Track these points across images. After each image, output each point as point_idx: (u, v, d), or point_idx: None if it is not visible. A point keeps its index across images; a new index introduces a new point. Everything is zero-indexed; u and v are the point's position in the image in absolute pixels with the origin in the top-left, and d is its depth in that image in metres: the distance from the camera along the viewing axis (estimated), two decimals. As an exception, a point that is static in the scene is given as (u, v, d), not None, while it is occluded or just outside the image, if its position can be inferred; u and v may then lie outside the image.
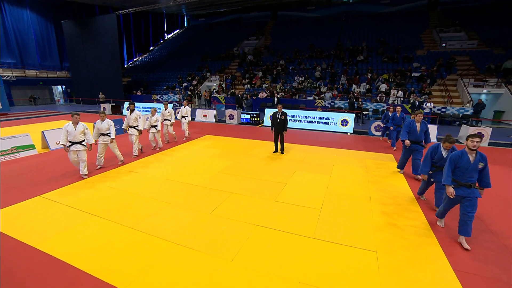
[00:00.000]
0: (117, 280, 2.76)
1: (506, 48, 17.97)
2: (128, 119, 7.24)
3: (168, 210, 4.30)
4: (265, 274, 2.90)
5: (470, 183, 3.40)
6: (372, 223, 3.98)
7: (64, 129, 5.49)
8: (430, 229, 3.84)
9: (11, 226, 3.81)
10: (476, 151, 3.38)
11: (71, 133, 5.51)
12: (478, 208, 3.62)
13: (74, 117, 5.52)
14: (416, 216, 4.23)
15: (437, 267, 3.05)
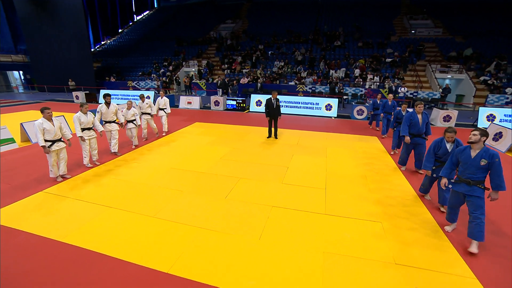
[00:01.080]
0: (158, 265, 2.92)
1: (465, 36, 19.54)
2: (107, 113, 6.37)
3: (183, 198, 4.43)
4: (292, 248, 3.23)
5: (469, 180, 3.21)
6: (372, 198, 4.48)
7: (39, 128, 4.71)
8: (419, 199, 4.42)
9: (25, 223, 3.72)
10: (482, 147, 3.19)
11: (49, 131, 4.81)
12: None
13: (46, 113, 4.79)
14: (405, 188, 4.81)
15: (429, 226, 3.60)
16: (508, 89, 14.49)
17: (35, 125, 4.75)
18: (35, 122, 4.79)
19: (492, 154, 3.09)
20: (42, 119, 4.81)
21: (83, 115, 5.58)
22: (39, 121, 4.78)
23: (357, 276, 2.80)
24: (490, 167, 3.09)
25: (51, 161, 4.92)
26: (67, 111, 12.35)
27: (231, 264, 2.96)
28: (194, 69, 22.03)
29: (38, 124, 4.74)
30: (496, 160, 3.05)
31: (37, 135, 4.73)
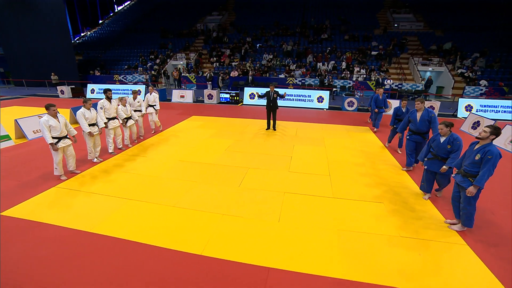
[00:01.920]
0: (191, 248, 3.17)
1: (444, 30, 20.53)
2: (110, 109, 6.22)
3: (198, 188, 4.66)
4: (309, 227, 3.59)
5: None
6: (372, 182, 4.91)
7: (45, 125, 4.63)
8: (414, 184, 4.91)
9: (50, 216, 3.82)
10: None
11: (55, 128, 4.75)
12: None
13: (51, 110, 4.73)
14: (401, 172, 5.29)
15: (425, 203, 4.07)
16: (482, 81, 15.53)
17: (40, 123, 4.64)
18: (41, 119, 4.68)
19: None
20: (47, 116, 4.73)
21: (87, 111, 5.51)
22: (44, 118, 4.69)
23: (368, 248, 3.20)
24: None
25: (57, 159, 4.86)
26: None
27: (258, 243, 3.26)
28: (182, 62, 21.74)
29: (44, 122, 4.64)
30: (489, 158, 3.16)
31: (43, 133, 4.65)
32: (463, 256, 3.12)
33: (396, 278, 2.76)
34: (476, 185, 3.21)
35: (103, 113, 6.10)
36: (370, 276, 2.78)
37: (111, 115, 6.30)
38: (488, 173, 3.15)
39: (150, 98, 7.93)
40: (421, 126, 5.07)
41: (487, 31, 19.23)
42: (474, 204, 3.39)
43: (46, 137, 4.65)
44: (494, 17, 20.03)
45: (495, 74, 16.26)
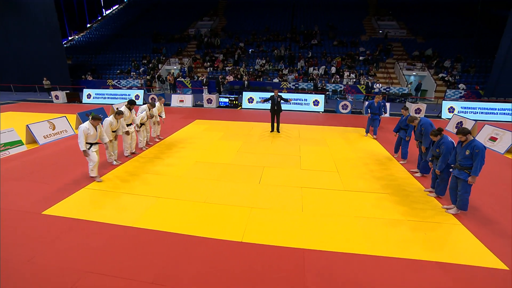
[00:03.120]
0: (231, 236, 3.59)
1: (425, 37, 21.95)
2: (129, 116, 6.46)
3: (222, 185, 5.08)
4: (330, 215, 4.10)
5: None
6: (375, 176, 5.52)
7: (84, 133, 4.85)
8: (411, 176, 5.56)
9: (87, 214, 4.10)
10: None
11: (92, 136, 5.04)
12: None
13: (96, 121, 5.01)
14: (399, 166, 5.94)
15: (424, 194, 4.69)
16: (460, 85, 16.81)
17: (80, 130, 4.84)
18: (81, 126, 4.88)
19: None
20: (89, 125, 4.94)
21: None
22: (85, 126, 4.88)
23: (382, 230, 3.75)
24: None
25: (93, 162, 5.11)
26: (50, 112, 12.01)
27: (289, 229, 3.74)
28: (176, 67, 21.95)
29: (85, 129, 4.85)
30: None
31: (80, 139, 4.84)
32: (459, 233, 3.73)
33: (408, 251, 3.31)
34: (474, 175, 3.86)
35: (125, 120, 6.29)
36: (387, 251, 3.32)
37: (128, 122, 6.56)
38: (481, 163, 3.82)
39: (154, 110, 7.63)
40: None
41: (463, 38, 20.75)
42: (469, 191, 4.05)
43: (81, 143, 4.85)
44: (469, 25, 21.62)
45: (471, 79, 17.62)
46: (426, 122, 5.33)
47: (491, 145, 7.67)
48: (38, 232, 3.69)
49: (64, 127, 8.51)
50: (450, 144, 4.33)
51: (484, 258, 3.27)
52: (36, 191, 4.86)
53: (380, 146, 7.62)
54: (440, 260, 3.21)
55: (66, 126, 8.62)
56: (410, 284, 2.87)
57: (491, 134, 7.79)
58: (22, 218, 4.00)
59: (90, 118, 5.04)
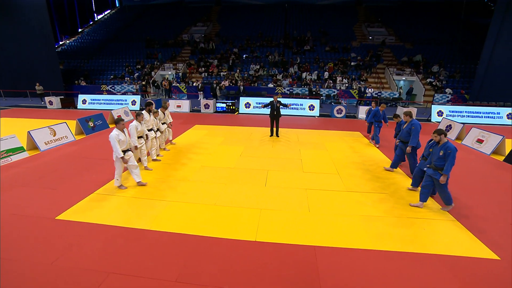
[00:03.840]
0: (245, 236, 3.78)
1: (413, 43, 22.83)
2: (149, 121, 6.44)
3: (229, 188, 5.26)
4: (335, 214, 4.35)
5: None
6: (374, 177, 5.82)
7: (116, 140, 4.81)
8: (407, 176, 5.89)
9: (100, 217, 4.21)
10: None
11: (123, 142, 4.98)
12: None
13: (121, 124, 4.97)
14: (395, 171, 6.27)
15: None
16: (447, 89, 17.56)
17: (111, 137, 4.80)
18: (111, 134, 4.83)
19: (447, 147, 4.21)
20: (117, 131, 4.91)
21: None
22: (115, 133, 4.85)
23: (385, 227, 4.02)
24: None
25: (120, 170, 5.10)
26: (46, 118, 11.93)
27: (298, 228, 3.96)
28: (171, 73, 22.03)
29: (115, 136, 4.81)
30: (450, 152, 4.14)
31: (114, 147, 4.83)
32: (454, 228, 4.04)
33: (411, 245, 3.59)
34: (445, 174, 4.21)
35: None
36: (390, 246, 3.58)
37: (149, 127, 6.48)
38: (451, 163, 4.16)
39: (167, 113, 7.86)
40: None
41: (448, 45, 21.70)
42: (447, 188, 4.41)
43: (118, 150, 4.85)
44: (453, 33, 22.61)
45: (457, 83, 18.44)
46: (417, 124, 5.65)
47: (478, 147, 8.13)
48: (55, 237, 3.78)
49: (64, 133, 8.52)
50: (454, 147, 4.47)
51: (478, 249, 3.58)
52: (45, 196, 4.92)
53: (377, 149, 7.96)
54: (438, 253, 3.50)
55: (67, 132, 8.62)
56: (413, 275, 3.13)
57: (478, 136, 8.26)
58: (37, 224, 4.08)
59: (115, 123, 5.02)
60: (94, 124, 9.67)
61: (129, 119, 11.72)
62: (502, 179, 6.07)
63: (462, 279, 3.06)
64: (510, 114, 12.29)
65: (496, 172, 6.47)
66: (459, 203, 4.80)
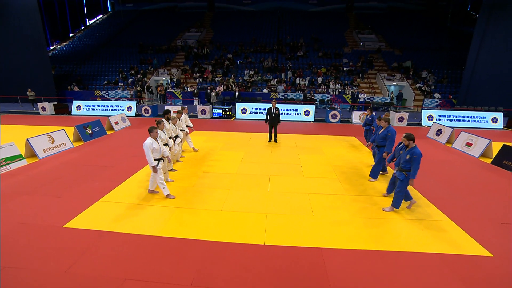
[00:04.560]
0: (254, 240, 3.91)
1: (402, 50, 23.61)
2: (169, 130, 6.36)
3: (234, 194, 5.39)
4: (338, 217, 4.54)
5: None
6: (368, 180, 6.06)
7: (150, 148, 4.77)
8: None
9: (108, 225, 4.26)
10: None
11: (157, 150, 4.90)
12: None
13: (154, 132, 4.88)
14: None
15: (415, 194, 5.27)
16: (436, 94, 18.22)
17: (146, 146, 4.75)
18: (145, 143, 4.78)
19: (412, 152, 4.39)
20: (151, 139, 4.84)
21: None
22: (149, 142, 4.78)
23: (386, 228, 4.22)
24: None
25: (161, 178, 5.05)
26: (40, 124, 11.80)
27: (304, 231, 4.12)
28: (165, 78, 22.05)
29: (149, 145, 4.76)
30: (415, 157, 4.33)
31: (148, 156, 4.79)
32: (450, 227, 4.29)
33: (415, 245, 3.80)
34: (412, 178, 4.45)
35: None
36: (392, 246, 3.78)
37: (169, 134, 6.39)
38: (417, 168, 4.39)
39: (185, 117, 7.76)
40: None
41: (436, 51, 22.55)
42: (404, 192, 4.62)
43: (150, 159, 4.81)
44: (439, 40, 23.52)
45: (444, 88, 19.15)
46: (393, 130, 5.77)
47: (467, 150, 8.53)
48: (66, 245, 3.82)
49: (63, 141, 8.47)
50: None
51: (472, 248, 3.82)
52: (51, 205, 4.93)
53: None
54: (438, 252, 3.72)
55: (65, 139, 8.58)
56: (416, 274, 3.33)
57: (467, 140, 8.66)
58: (46, 232, 4.11)
59: (148, 131, 4.91)
60: (92, 131, 9.64)
61: (126, 125, 11.70)
62: (490, 180, 6.41)
63: (461, 277, 3.28)
64: (494, 118, 12.88)
65: (485, 174, 6.82)
66: (451, 204, 5.07)
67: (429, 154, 8.33)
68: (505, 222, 4.52)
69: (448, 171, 6.93)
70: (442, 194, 5.58)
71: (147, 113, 14.29)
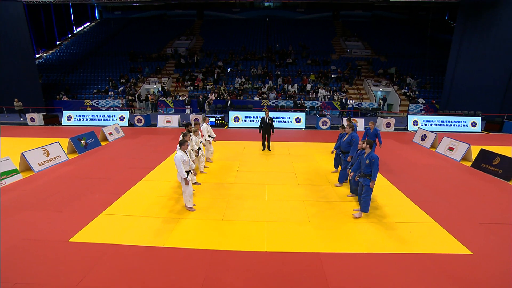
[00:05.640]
0: (257, 247, 4.15)
1: (387, 56, 24.59)
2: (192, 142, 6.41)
3: (234, 203, 5.61)
4: (334, 222, 4.84)
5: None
6: (364, 188, 6.42)
7: (181, 161, 4.88)
8: (391, 184, 6.54)
9: (113, 238, 4.40)
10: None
11: (186, 163, 5.02)
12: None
13: (186, 145, 5.07)
14: (381, 178, 6.94)
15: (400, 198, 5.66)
16: (420, 99, 19.07)
17: (177, 159, 4.88)
18: (176, 155, 4.93)
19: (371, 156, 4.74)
20: (181, 152, 4.98)
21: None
22: (179, 155, 4.92)
23: (382, 231, 4.55)
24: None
25: (189, 191, 5.16)
26: (30, 136, 11.68)
27: (301, 237, 4.39)
28: (156, 86, 22.07)
29: (180, 158, 4.88)
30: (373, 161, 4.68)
31: (179, 168, 4.90)
32: (433, 229, 4.66)
33: (401, 247, 4.14)
34: (373, 180, 4.77)
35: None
36: (382, 248, 4.11)
37: (193, 147, 6.55)
38: (376, 170, 4.72)
39: (206, 127, 7.83)
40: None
41: (419, 58, 23.61)
42: (370, 196, 4.92)
43: (182, 172, 4.91)
44: (422, 47, 24.62)
45: (428, 94, 20.06)
46: (357, 136, 6.13)
47: (450, 154, 9.08)
48: (73, 259, 3.94)
49: (57, 153, 8.47)
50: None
51: (454, 246, 4.19)
52: (53, 219, 5.01)
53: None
54: (424, 252, 4.06)
55: (60, 152, 8.57)
56: (408, 274, 3.65)
57: (449, 144, 9.22)
58: (52, 247, 4.20)
59: (179, 144, 5.07)
60: (86, 142, 9.65)
61: (120, 135, 11.72)
62: (470, 183, 6.90)
63: (446, 274, 3.62)
64: (474, 122, 13.67)
65: (465, 177, 7.32)
66: (435, 206, 5.47)
67: (415, 158, 8.83)
68: (483, 222, 4.95)
69: (432, 175, 7.39)
70: (427, 196, 6.00)
71: (140, 122, 14.32)
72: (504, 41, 15.89)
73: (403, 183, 6.69)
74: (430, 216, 5.11)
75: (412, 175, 7.31)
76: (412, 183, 6.76)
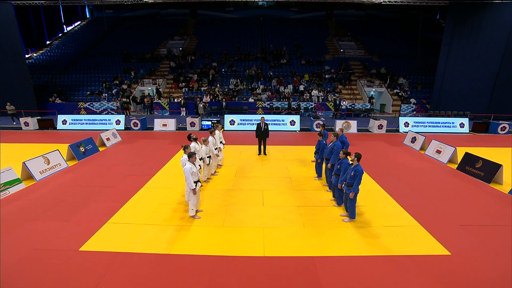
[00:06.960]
0: (255, 252, 4.48)
1: (380, 56, 25.06)
2: (200, 151, 6.69)
3: (232, 210, 5.92)
4: (328, 227, 5.20)
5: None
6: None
7: (189, 173, 5.10)
8: (385, 192, 6.94)
9: (122, 246, 4.66)
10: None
11: (195, 173, 5.24)
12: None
13: (194, 157, 5.31)
14: (371, 181, 7.33)
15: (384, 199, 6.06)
16: (411, 99, 19.59)
17: (186, 171, 5.09)
18: (185, 167, 5.13)
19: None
20: (190, 164, 5.21)
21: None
22: (188, 166, 5.12)
23: (372, 236, 4.93)
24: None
25: (195, 201, 5.44)
26: (26, 141, 11.75)
27: (297, 242, 4.74)
28: (150, 88, 22.08)
29: (189, 170, 5.09)
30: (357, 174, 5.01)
31: (188, 179, 5.14)
32: (417, 231, 5.07)
33: (389, 249, 4.52)
34: (353, 191, 5.11)
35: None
36: (375, 251, 4.49)
37: (200, 155, 6.75)
38: (358, 183, 5.05)
39: (215, 137, 7.82)
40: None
41: (411, 58, 24.14)
42: (354, 204, 5.31)
43: (191, 183, 5.14)
44: (414, 47, 25.13)
45: (419, 94, 20.61)
46: (339, 144, 6.51)
47: (437, 157, 9.55)
48: (85, 267, 4.20)
49: (57, 161, 8.62)
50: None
51: (434, 247, 4.59)
52: (61, 229, 5.24)
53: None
54: (409, 254, 4.46)
55: (60, 159, 8.72)
56: (396, 274, 4.03)
57: (437, 147, 9.70)
58: (63, 256, 4.45)
59: (188, 157, 5.33)
60: (85, 149, 9.80)
61: (117, 140, 11.86)
62: (454, 185, 7.36)
63: (426, 274, 4.02)
64: (462, 123, 14.24)
65: (450, 180, 7.77)
66: (420, 209, 5.89)
67: (405, 161, 9.28)
68: (463, 223, 5.38)
69: (419, 178, 7.82)
70: (414, 200, 6.42)
71: (136, 126, 14.44)
72: (491, 44, 16.50)
73: (392, 187, 7.10)
74: (415, 219, 5.51)
75: (401, 178, 7.74)
76: (401, 186, 7.19)
